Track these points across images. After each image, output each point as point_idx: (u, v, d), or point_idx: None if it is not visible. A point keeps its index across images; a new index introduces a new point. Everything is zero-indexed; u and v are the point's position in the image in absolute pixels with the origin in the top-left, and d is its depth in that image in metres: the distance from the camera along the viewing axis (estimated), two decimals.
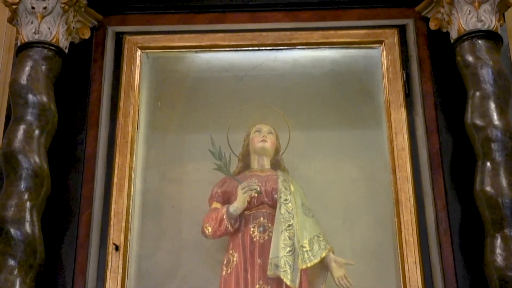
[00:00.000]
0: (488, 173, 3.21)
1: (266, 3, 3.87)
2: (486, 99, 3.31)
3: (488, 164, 3.23)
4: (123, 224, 3.49)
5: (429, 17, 3.69)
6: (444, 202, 3.42)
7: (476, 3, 3.44)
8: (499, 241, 3.13)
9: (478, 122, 3.29)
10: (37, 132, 3.34)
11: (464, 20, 3.45)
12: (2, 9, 3.73)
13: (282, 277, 3.45)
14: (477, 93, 3.34)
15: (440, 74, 3.63)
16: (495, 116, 3.27)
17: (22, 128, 3.33)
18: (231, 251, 3.61)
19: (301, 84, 4.01)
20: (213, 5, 3.88)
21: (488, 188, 3.18)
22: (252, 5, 3.87)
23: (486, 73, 3.34)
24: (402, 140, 3.59)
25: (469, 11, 3.46)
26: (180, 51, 3.92)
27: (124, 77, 3.76)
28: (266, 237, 3.59)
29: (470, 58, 3.40)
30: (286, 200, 3.63)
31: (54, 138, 3.45)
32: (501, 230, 3.13)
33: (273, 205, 3.65)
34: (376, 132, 3.82)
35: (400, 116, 3.63)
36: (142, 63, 3.82)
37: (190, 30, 3.84)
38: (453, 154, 3.49)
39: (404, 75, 3.69)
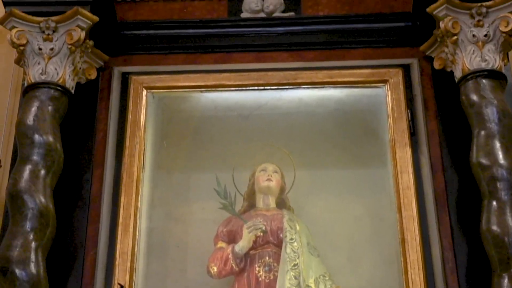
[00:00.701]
0: (494, 212, 3.20)
1: (271, 43, 3.90)
2: (491, 138, 3.31)
3: (494, 203, 3.21)
4: (128, 264, 3.47)
5: (433, 56, 3.70)
6: (451, 241, 3.40)
7: (480, 43, 3.46)
8: (506, 280, 3.10)
9: (484, 161, 3.28)
10: (43, 172, 3.34)
11: (468, 59, 3.47)
12: (9, 50, 3.77)
13: None
14: (482, 132, 3.34)
15: (445, 113, 3.64)
16: (500, 155, 3.27)
17: (28, 168, 3.33)
18: None
19: (306, 123, 4.02)
20: (219, 45, 3.91)
21: (494, 227, 3.16)
22: (258, 45, 3.90)
23: (490, 112, 3.34)
24: (408, 179, 3.58)
25: (473, 50, 3.47)
26: (185, 91, 3.93)
27: (130, 116, 3.77)
28: (272, 277, 3.58)
29: (474, 97, 3.40)
30: (291, 239, 3.62)
31: (59, 178, 3.44)
32: (508, 270, 3.11)
33: (279, 244, 3.64)
34: (381, 171, 3.82)
35: (405, 155, 3.63)
36: (147, 102, 3.83)
37: (196, 70, 3.86)
38: (459, 193, 3.48)
39: (409, 114, 3.70)
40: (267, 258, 3.63)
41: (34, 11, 3.57)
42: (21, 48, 3.54)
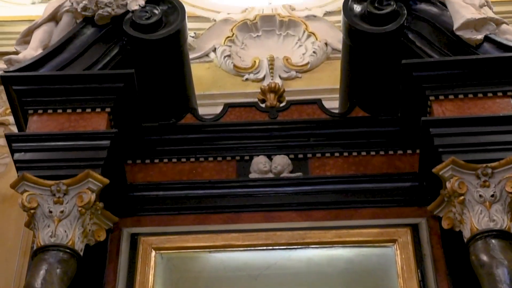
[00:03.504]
0: None
1: (279, 203, 3.92)
2: None
3: None
4: None
5: (441, 216, 3.69)
6: None
7: (487, 203, 3.47)
8: None
9: None
10: None
11: (476, 219, 3.46)
12: (20, 214, 3.80)
13: None
14: None
15: (456, 273, 3.60)
16: None
17: None
18: None
19: (316, 283, 3.97)
20: (227, 205, 3.93)
21: None
22: (266, 205, 3.93)
23: (501, 273, 3.30)
24: None
25: (481, 210, 3.47)
26: (194, 251, 3.93)
27: (138, 278, 3.73)
28: None
29: (484, 258, 3.37)
30: None
31: None
32: None
33: None
34: None
35: None
36: (156, 263, 3.81)
37: (205, 230, 3.86)
38: None
39: (419, 274, 3.66)
40: None
41: (45, 174, 3.62)
42: (32, 211, 3.55)
